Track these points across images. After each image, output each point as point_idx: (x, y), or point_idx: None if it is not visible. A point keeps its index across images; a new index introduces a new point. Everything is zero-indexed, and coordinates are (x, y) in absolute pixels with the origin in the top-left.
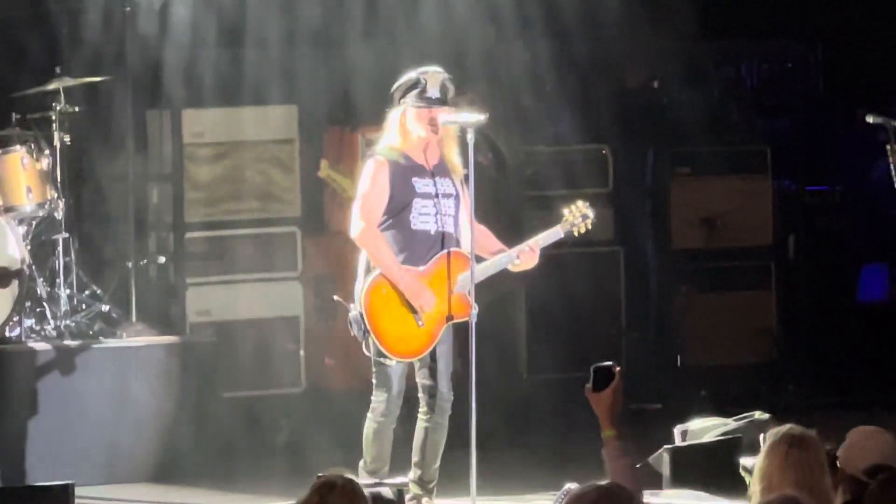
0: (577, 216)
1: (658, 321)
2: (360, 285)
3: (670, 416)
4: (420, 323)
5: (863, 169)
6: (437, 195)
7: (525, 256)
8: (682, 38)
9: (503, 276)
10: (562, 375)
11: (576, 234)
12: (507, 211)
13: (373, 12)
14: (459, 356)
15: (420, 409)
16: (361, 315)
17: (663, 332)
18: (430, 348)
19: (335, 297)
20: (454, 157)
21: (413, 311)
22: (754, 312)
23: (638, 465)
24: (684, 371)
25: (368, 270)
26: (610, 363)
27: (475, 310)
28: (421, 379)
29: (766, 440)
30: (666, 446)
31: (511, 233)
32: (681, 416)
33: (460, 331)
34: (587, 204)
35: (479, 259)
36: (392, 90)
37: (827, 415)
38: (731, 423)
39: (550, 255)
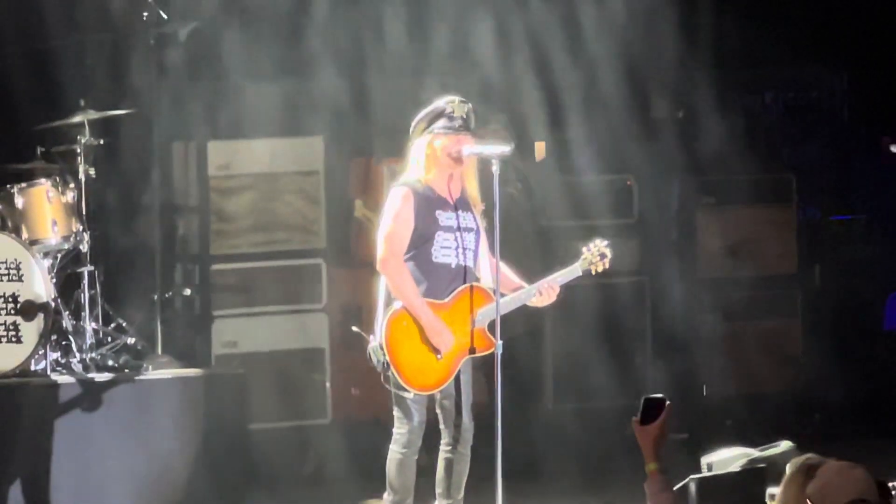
0: (596, 255)
1: (684, 350)
2: (381, 317)
3: (696, 446)
4: (439, 356)
5: (888, 197)
6: (458, 228)
7: (545, 293)
8: (707, 66)
9: (526, 313)
10: (587, 405)
11: (594, 272)
12: (533, 241)
13: (397, 43)
14: (485, 375)
15: (442, 440)
16: (381, 347)
17: (689, 362)
18: (449, 381)
19: (354, 329)
20: (474, 191)
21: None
22: (780, 341)
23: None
24: (710, 400)
25: (389, 302)
26: (660, 395)
27: (500, 343)
28: (442, 409)
29: (787, 470)
30: (692, 476)
31: (536, 263)
32: (707, 446)
33: (487, 360)
34: (606, 242)
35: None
36: (416, 120)
37: (853, 444)
38: (757, 453)
39: (576, 285)
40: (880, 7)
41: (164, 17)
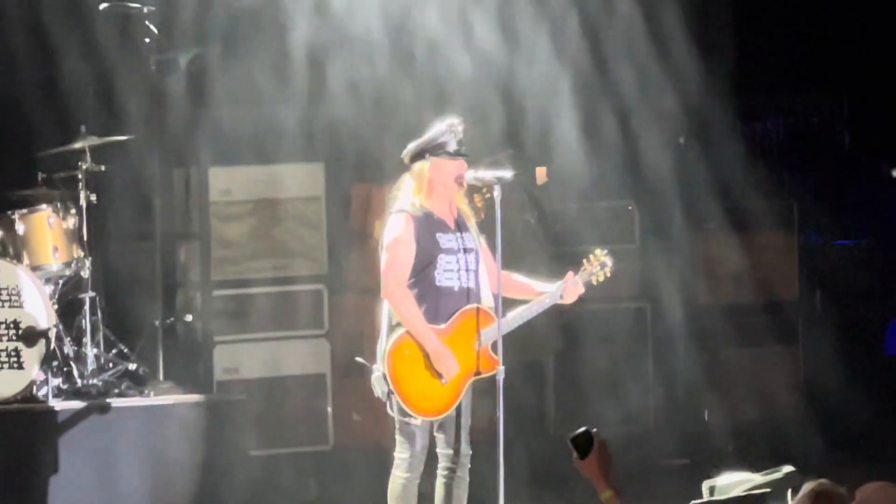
0: (596, 265)
1: (685, 376)
2: (383, 345)
3: (698, 472)
4: (443, 381)
5: (889, 223)
6: (459, 250)
7: (569, 290)
8: (709, 93)
9: (531, 343)
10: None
11: (594, 282)
12: (537, 266)
13: (398, 69)
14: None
15: (440, 465)
16: (384, 376)
17: (690, 387)
18: (455, 405)
19: (358, 359)
20: (465, 207)
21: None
22: (781, 367)
23: None
24: (712, 426)
25: (392, 329)
26: (583, 428)
27: (502, 367)
28: (440, 434)
29: (796, 495)
30: (693, 502)
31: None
32: (708, 472)
33: (490, 385)
34: (606, 252)
35: (518, 302)
36: (416, 143)
37: (855, 470)
38: (758, 478)
39: (578, 310)
40: (881, 34)
41: (165, 42)
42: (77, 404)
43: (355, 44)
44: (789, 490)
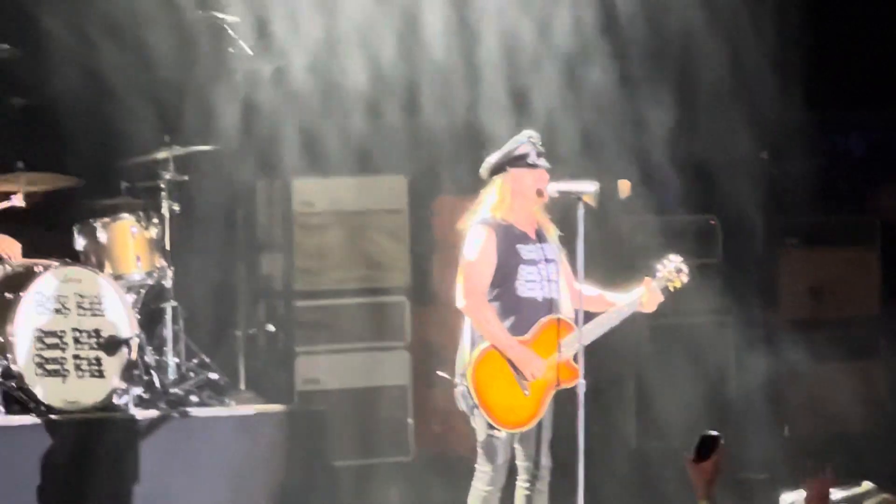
0: (672, 271)
1: (766, 390)
2: (466, 359)
3: (777, 486)
4: (526, 392)
5: None
6: (541, 261)
7: (649, 297)
8: (793, 107)
9: (611, 358)
10: (671, 445)
11: (671, 289)
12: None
13: (477, 83)
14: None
15: (520, 477)
16: (468, 389)
17: (771, 402)
18: (540, 417)
19: (439, 372)
20: (545, 220)
21: (520, 380)
22: (862, 382)
23: None
24: (792, 441)
25: (474, 343)
26: (716, 433)
27: (583, 381)
28: (521, 446)
29: None
30: None
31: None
32: (787, 486)
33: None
34: (680, 258)
35: (588, 316)
36: (497, 156)
37: None
38: (837, 493)
39: (659, 324)
40: None
41: (250, 53)
42: (157, 413)
43: (442, 61)
44: None
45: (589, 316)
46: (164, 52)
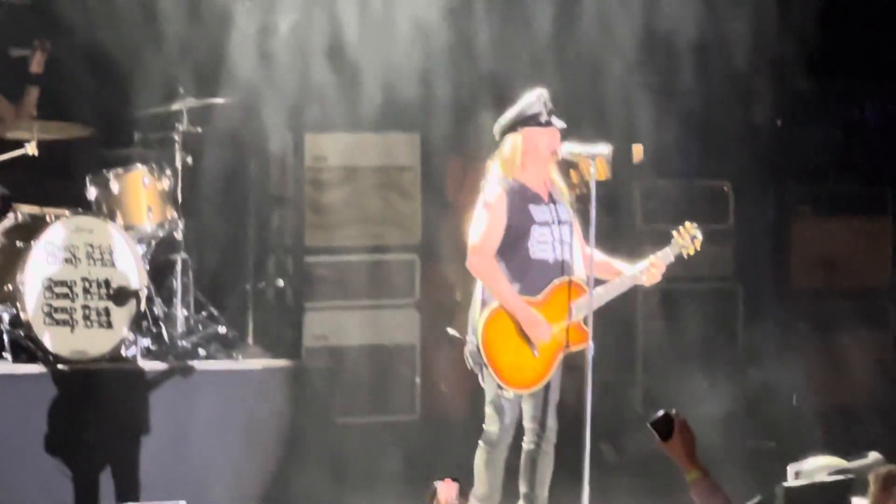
0: (687, 237)
1: (775, 359)
2: (476, 317)
3: (784, 455)
4: (536, 353)
5: None
6: (553, 222)
7: (650, 273)
8: (808, 75)
9: (619, 323)
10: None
11: (685, 255)
12: (624, 243)
13: (495, 45)
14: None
15: (525, 438)
16: (478, 348)
17: (780, 370)
18: (548, 378)
19: (449, 330)
20: (560, 183)
21: (529, 341)
22: (872, 353)
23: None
24: (800, 410)
25: (484, 302)
26: (662, 412)
27: (592, 344)
28: (528, 408)
29: (871, 481)
30: (780, 484)
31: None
32: (795, 456)
33: (578, 361)
34: (696, 225)
35: (598, 282)
36: (509, 115)
37: None
38: (844, 464)
39: (668, 289)
40: None
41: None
42: (165, 365)
43: (455, 18)
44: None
45: (598, 282)
46: (180, 4)
